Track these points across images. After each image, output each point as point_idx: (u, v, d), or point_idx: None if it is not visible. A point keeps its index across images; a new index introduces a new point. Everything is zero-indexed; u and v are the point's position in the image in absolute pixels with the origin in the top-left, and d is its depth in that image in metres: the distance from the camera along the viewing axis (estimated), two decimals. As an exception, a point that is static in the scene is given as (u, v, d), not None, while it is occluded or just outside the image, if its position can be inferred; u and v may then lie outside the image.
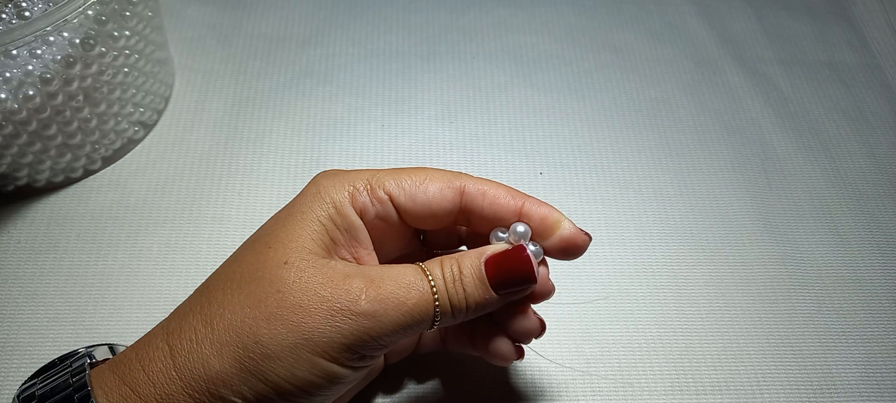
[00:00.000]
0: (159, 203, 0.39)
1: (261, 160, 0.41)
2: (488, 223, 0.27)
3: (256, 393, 0.23)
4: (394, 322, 0.23)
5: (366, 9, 0.49)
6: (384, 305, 0.23)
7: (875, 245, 0.39)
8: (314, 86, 0.45)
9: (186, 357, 0.23)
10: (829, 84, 0.46)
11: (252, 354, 0.22)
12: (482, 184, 0.26)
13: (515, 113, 0.44)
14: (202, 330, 0.23)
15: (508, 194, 0.26)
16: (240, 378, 0.22)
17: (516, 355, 0.28)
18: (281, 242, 0.25)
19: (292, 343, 0.22)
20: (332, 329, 0.23)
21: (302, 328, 0.23)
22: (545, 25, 0.49)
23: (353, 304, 0.23)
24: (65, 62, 0.34)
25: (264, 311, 0.23)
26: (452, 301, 0.25)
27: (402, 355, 0.32)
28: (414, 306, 0.24)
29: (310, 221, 0.25)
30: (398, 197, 0.26)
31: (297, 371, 0.23)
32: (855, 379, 0.34)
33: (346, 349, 0.23)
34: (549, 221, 0.26)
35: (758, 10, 0.50)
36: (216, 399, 0.23)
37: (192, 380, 0.22)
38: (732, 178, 0.41)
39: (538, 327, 0.28)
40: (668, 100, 0.45)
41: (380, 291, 0.24)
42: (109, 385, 0.23)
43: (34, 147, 0.36)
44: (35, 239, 0.37)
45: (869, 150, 0.43)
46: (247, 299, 0.23)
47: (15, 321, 0.34)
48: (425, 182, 0.26)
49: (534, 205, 0.26)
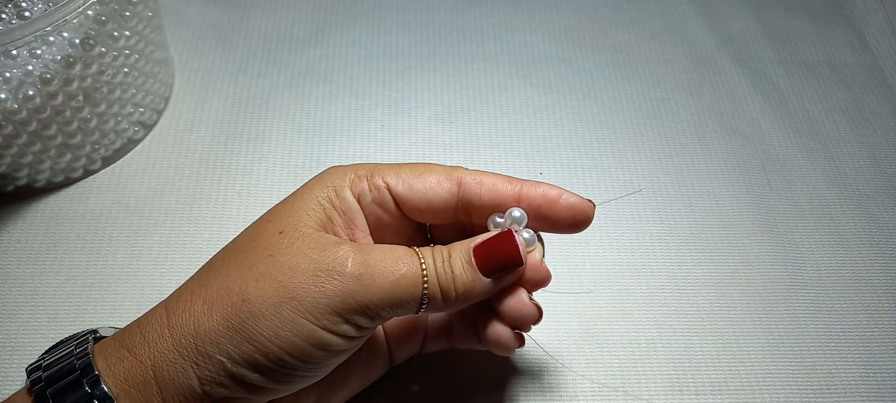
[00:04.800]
0: (159, 203, 0.39)
1: (261, 160, 0.41)
2: (488, 212, 0.27)
3: (242, 353, 0.23)
4: (380, 290, 0.24)
5: (366, 9, 0.49)
6: (371, 270, 0.24)
7: (875, 245, 0.39)
8: (314, 86, 0.45)
9: (180, 317, 0.24)
10: (829, 84, 0.46)
11: (239, 312, 0.23)
12: (479, 173, 0.27)
13: (515, 113, 0.44)
14: (197, 290, 0.24)
15: (506, 181, 0.27)
16: (226, 336, 0.23)
17: (516, 342, 0.28)
18: (279, 217, 0.26)
19: (278, 301, 0.23)
20: (316, 289, 0.23)
21: (288, 286, 0.23)
22: (545, 25, 0.49)
23: (340, 265, 0.24)
24: (65, 62, 0.34)
25: (255, 272, 0.24)
26: (441, 282, 0.25)
27: (408, 354, 0.31)
28: (401, 277, 0.24)
29: (309, 200, 0.26)
30: (396, 186, 0.27)
31: (282, 332, 0.23)
32: (855, 379, 0.34)
33: (331, 312, 0.23)
34: (551, 196, 0.27)
35: (757, 10, 0.50)
36: (203, 356, 0.23)
37: (182, 337, 0.23)
38: (732, 178, 0.41)
39: (535, 312, 0.27)
40: (668, 100, 0.45)
41: (368, 257, 0.24)
42: (109, 350, 0.24)
43: (34, 147, 0.36)
44: (35, 239, 0.37)
45: (869, 150, 0.43)
46: (241, 263, 0.24)
47: (15, 321, 0.34)
48: (423, 173, 0.27)
49: (532, 187, 0.27)
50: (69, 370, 0.24)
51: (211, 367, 0.23)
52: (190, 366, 0.23)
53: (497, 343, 0.28)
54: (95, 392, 0.23)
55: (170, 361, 0.23)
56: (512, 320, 0.28)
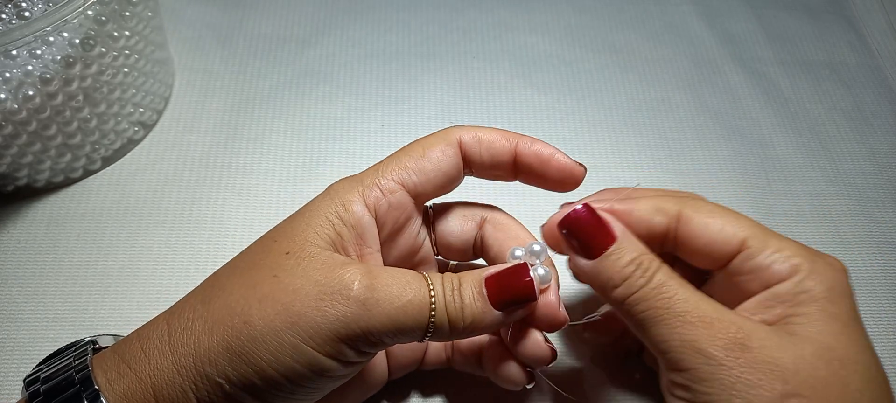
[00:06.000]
0: (159, 203, 0.39)
1: (261, 160, 0.41)
2: (488, 169, 0.27)
3: (241, 376, 0.23)
4: (385, 316, 0.23)
5: (366, 9, 0.49)
6: (376, 295, 0.23)
7: (875, 245, 0.39)
8: (314, 86, 0.45)
9: (181, 334, 0.23)
10: (829, 84, 0.46)
11: (240, 335, 0.23)
12: (476, 131, 0.27)
13: (515, 113, 0.44)
14: (200, 308, 0.24)
15: (503, 136, 0.27)
16: (226, 357, 0.23)
17: (526, 380, 0.28)
18: (287, 236, 0.25)
19: (279, 325, 0.23)
20: (319, 314, 0.23)
21: (291, 310, 0.23)
22: (545, 25, 0.49)
23: (346, 289, 0.23)
24: (65, 62, 0.34)
25: (258, 293, 0.23)
26: (450, 311, 0.24)
27: (406, 369, 0.31)
28: (408, 303, 0.23)
29: (317, 217, 0.25)
30: (407, 180, 0.26)
31: (282, 357, 0.23)
32: (855, 379, 0.34)
33: (333, 337, 0.23)
34: (544, 155, 0.27)
35: (757, 10, 0.50)
36: (202, 377, 0.23)
37: (182, 356, 0.23)
38: (732, 178, 0.41)
39: (548, 354, 0.27)
40: (668, 100, 0.45)
41: (375, 281, 0.23)
42: (109, 363, 0.24)
43: (34, 147, 0.36)
44: (35, 239, 0.37)
45: (869, 150, 0.43)
46: (245, 282, 0.24)
47: (15, 321, 0.34)
48: (424, 152, 0.27)
49: (527, 143, 0.27)
50: (68, 383, 0.23)
51: (209, 388, 0.23)
52: (189, 387, 0.23)
53: (506, 380, 0.28)
54: None
55: (169, 381, 0.23)
56: (524, 359, 0.27)
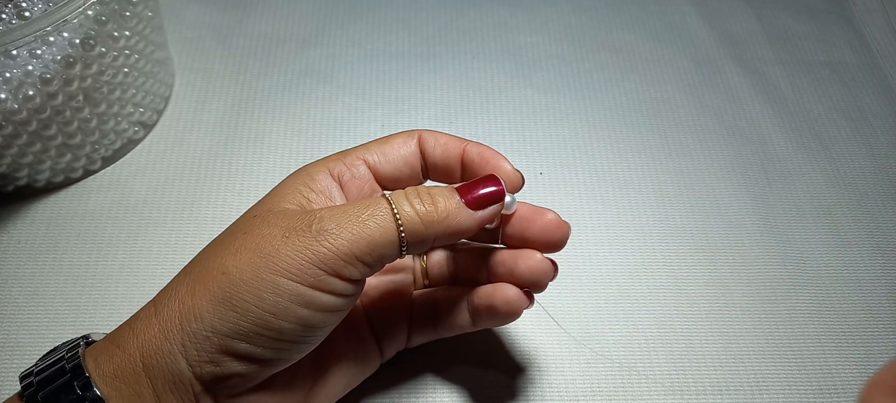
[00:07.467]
0: (159, 203, 0.39)
1: (261, 160, 0.41)
2: (442, 170, 0.29)
3: (227, 323, 0.23)
4: (352, 231, 0.24)
5: (366, 9, 0.49)
6: (338, 215, 0.24)
7: (875, 245, 0.39)
8: (314, 86, 0.45)
9: (165, 305, 0.24)
10: (829, 84, 0.46)
11: (220, 284, 0.23)
12: (435, 133, 0.29)
13: (515, 113, 0.44)
14: (181, 278, 0.25)
15: (455, 139, 0.29)
16: (210, 309, 0.23)
17: (526, 302, 0.28)
18: (256, 207, 0.27)
19: (255, 266, 0.23)
20: (289, 247, 0.24)
21: (262, 250, 0.24)
22: (545, 25, 0.49)
23: (310, 220, 0.24)
24: (65, 62, 0.34)
25: (231, 248, 0.24)
26: (418, 210, 0.25)
27: (396, 345, 0.31)
28: (370, 215, 0.24)
29: (286, 189, 0.27)
30: (369, 158, 0.28)
31: (264, 294, 0.23)
32: (855, 379, 0.34)
33: (309, 265, 0.23)
34: (486, 155, 0.28)
35: (758, 10, 0.50)
36: (189, 336, 0.23)
37: (168, 321, 0.24)
38: (732, 178, 0.41)
39: (550, 268, 0.28)
40: (668, 100, 0.45)
41: (338, 208, 0.25)
42: (99, 349, 0.25)
43: (34, 147, 0.36)
44: (35, 239, 0.37)
45: (869, 150, 0.43)
46: (219, 247, 0.25)
47: (15, 321, 0.34)
48: (388, 141, 0.29)
49: (474, 147, 0.28)
50: (59, 373, 0.24)
51: (198, 346, 0.23)
52: (177, 350, 0.23)
53: (505, 304, 0.28)
54: (86, 395, 0.23)
55: (157, 348, 0.23)
56: (527, 280, 0.28)
